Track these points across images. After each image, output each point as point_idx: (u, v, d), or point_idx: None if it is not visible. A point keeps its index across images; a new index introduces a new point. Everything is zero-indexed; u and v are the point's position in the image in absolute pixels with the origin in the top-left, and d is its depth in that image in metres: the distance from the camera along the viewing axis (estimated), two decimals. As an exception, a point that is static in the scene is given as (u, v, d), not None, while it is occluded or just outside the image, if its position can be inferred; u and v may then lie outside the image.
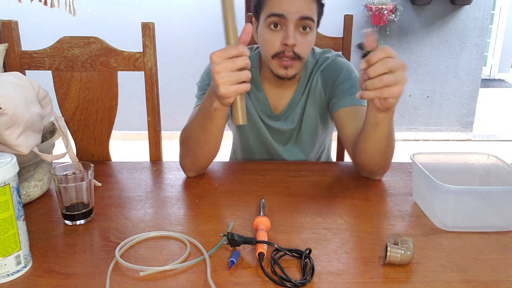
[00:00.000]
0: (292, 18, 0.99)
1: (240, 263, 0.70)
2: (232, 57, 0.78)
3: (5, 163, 0.63)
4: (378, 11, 3.36)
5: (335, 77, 1.12)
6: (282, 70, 1.05)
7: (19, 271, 0.67)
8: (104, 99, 1.20)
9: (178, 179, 1.03)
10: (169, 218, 0.85)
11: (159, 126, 1.23)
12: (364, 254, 0.72)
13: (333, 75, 1.12)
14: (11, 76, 0.86)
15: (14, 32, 1.17)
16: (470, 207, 0.80)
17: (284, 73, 1.05)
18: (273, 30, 1.02)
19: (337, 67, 1.13)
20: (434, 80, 3.76)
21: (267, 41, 1.03)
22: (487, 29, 3.67)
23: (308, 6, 1.00)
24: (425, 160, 0.92)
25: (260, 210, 0.84)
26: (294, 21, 0.99)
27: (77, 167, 0.86)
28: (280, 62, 1.04)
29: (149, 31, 1.16)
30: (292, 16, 0.99)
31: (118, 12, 3.53)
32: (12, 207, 0.64)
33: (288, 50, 1.01)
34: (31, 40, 3.43)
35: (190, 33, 3.62)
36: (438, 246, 0.75)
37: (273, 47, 1.02)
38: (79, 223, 0.82)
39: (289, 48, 1.01)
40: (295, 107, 1.16)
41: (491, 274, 0.67)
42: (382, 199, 0.93)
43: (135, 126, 3.79)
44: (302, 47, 1.02)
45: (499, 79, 5.99)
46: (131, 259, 0.71)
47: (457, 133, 3.92)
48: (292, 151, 1.21)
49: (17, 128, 0.80)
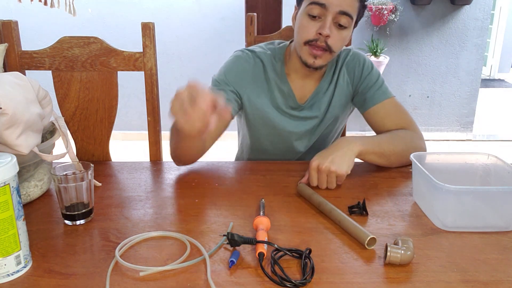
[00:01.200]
0: (332, 9, 1.01)
1: (240, 263, 0.70)
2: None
3: (5, 163, 0.63)
4: (378, 11, 3.36)
5: (361, 69, 1.17)
6: (311, 58, 1.07)
7: (19, 271, 0.67)
8: (104, 99, 1.20)
9: (178, 179, 1.03)
10: (169, 218, 0.85)
11: (159, 126, 1.23)
12: (364, 254, 0.72)
13: (358, 66, 1.17)
14: (11, 76, 0.86)
15: (14, 32, 1.17)
16: (470, 207, 0.80)
17: (312, 62, 1.07)
18: (312, 19, 1.04)
19: (359, 58, 1.18)
20: (434, 80, 3.75)
21: (303, 27, 1.05)
22: (487, 29, 3.66)
23: (351, 2, 1.02)
24: (425, 160, 0.92)
25: (260, 210, 0.84)
26: (333, 13, 1.01)
27: (77, 167, 0.86)
28: (310, 50, 1.05)
29: (149, 31, 1.16)
30: (333, 8, 1.00)
31: (118, 12, 3.53)
32: (12, 207, 0.64)
33: (321, 40, 1.03)
34: (31, 40, 3.43)
35: (190, 33, 3.61)
36: (438, 246, 0.75)
37: (307, 34, 1.04)
38: (79, 223, 0.82)
39: (322, 38, 1.03)
40: (321, 97, 1.18)
41: (491, 274, 0.67)
42: (382, 199, 0.93)
43: (135, 126, 3.79)
44: (336, 40, 1.04)
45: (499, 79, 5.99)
46: (131, 259, 0.71)
47: (457, 133, 3.92)
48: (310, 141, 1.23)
49: (17, 128, 0.80)
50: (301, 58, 1.08)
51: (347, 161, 0.96)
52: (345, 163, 0.95)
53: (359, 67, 1.17)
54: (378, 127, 1.15)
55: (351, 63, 1.17)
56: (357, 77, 1.17)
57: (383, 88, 1.14)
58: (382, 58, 3.50)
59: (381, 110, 1.13)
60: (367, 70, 1.16)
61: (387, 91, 1.15)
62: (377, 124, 1.15)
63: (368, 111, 1.15)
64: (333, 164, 0.94)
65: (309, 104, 1.18)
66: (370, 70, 1.16)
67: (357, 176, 1.04)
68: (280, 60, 1.16)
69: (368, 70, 1.16)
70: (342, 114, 1.22)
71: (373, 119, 1.15)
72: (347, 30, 1.05)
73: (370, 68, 1.16)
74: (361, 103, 1.17)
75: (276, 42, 1.22)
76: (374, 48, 3.45)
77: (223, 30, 3.57)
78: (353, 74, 1.17)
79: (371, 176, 1.05)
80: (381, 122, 1.14)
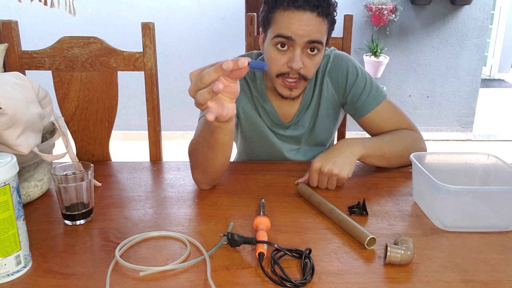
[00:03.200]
0: (300, 41, 0.95)
1: (240, 263, 0.70)
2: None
3: (5, 163, 0.63)
4: (378, 11, 3.36)
5: (345, 76, 1.11)
6: (286, 90, 1.03)
7: (19, 271, 0.67)
8: (104, 99, 1.20)
9: (178, 179, 1.03)
10: (169, 218, 0.85)
11: (159, 126, 1.23)
12: (364, 254, 0.72)
13: (341, 74, 1.11)
14: (11, 76, 0.86)
15: (14, 32, 1.17)
16: (470, 207, 0.80)
17: (288, 94, 1.04)
18: (280, 50, 0.98)
19: (341, 64, 1.11)
20: (434, 80, 3.75)
21: (272, 59, 1.00)
22: (487, 29, 3.66)
23: (318, 28, 0.96)
24: (425, 160, 0.92)
25: (260, 210, 0.84)
26: (302, 44, 0.96)
27: (77, 167, 0.86)
28: (284, 83, 1.02)
29: (149, 31, 1.16)
30: (300, 39, 0.95)
31: (118, 12, 3.53)
32: (12, 207, 0.64)
33: (293, 73, 0.99)
34: (31, 40, 3.43)
35: (190, 33, 3.61)
36: (438, 246, 0.75)
37: (278, 67, 1.00)
38: (79, 223, 0.82)
39: (294, 71, 0.99)
40: (304, 113, 1.15)
41: (491, 274, 0.67)
42: (382, 199, 0.93)
43: (135, 126, 3.79)
44: (309, 69, 1.00)
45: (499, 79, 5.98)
46: (131, 259, 0.71)
47: (457, 133, 3.92)
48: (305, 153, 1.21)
49: (17, 128, 0.80)
50: (277, 90, 1.05)
51: (349, 165, 0.95)
52: (347, 167, 0.95)
53: (343, 75, 1.11)
54: (375, 133, 1.12)
55: (333, 71, 1.11)
56: (342, 85, 1.11)
57: (373, 92, 1.09)
58: (382, 58, 3.50)
59: (375, 117, 1.10)
60: (352, 77, 1.10)
61: (378, 95, 1.09)
62: (374, 130, 1.12)
63: (362, 119, 1.11)
64: (336, 167, 0.93)
65: (295, 122, 1.16)
66: (356, 76, 1.10)
67: (357, 176, 1.04)
68: (260, 78, 1.12)
69: (353, 77, 1.10)
70: (332, 123, 1.19)
71: (369, 126, 1.12)
72: (319, 54, 1.00)
73: (355, 74, 1.10)
74: (353, 112, 1.13)
75: (254, 54, 1.17)
76: (374, 48, 3.45)
77: (223, 30, 3.57)
78: (338, 83, 1.12)
79: (371, 176, 1.05)
80: (377, 128, 1.11)
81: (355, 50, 3.59)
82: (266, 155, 1.21)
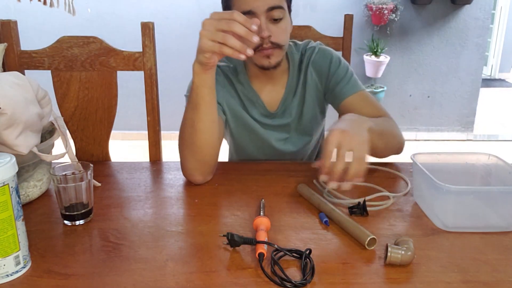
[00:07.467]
0: (260, 11, 0.99)
1: (240, 263, 0.70)
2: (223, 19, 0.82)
3: (4, 163, 0.63)
4: (379, 10, 3.36)
5: (327, 65, 1.15)
6: (265, 60, 1.06)
7: (18, 272, 0.67)
8: (104, 99, 1.20)
9: (178, 179, 1.03)
10: (169, 218, 0.85)
11: (159, 126, 1.23)
12: (364, 255, 0.72)
13: (324, 64, 1.16)
14: (10, 76, 0.86)
15: (14, 31, 1.17)
16: (471, 207, 0.80)
17: (267, 63, 1.07)
18: None
19: (325, 54, 1.16)
20: (435, 80, 3.75)
21: None
22: (488, 29, 3.66)
23: None
24: (426, 160, 0.91)
25: (260, 210, 0.84)
26: (263, 13, 1.00)
27: (76, 167, 0.86)
28: (261, 54, 1.05)
29: (149, 31, 1.16)
30: (260, 9, 0.99)
31: (118, 12, 3.52)
32: (11, 207, 0.64)
33: (265, 42, 1.03)
34: (30, 40, 3.43)
35: (190, 33, 3.60)
36: (439, 246, 0.75)
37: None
38: (79, 224, 0.82)
39: (266, 40, 1.02)
40: (291, 101, 1.17)
41: (491, 275, 0.67)
42: (382, 199, 0.93)
43: (135, 126, 3.79)
44: (278, 35, 1.03)
45: (500, 79, 5.98)
46: (131, 259, 0.71)
47: (457, 133, 3.91)
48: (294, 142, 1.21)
49: (16, 128, 0.80)
50: (257, 64, 1.09)
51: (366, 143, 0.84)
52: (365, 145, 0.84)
53: (326, 64, 1.15)
54: None
55: (318, 61, 1.16)
56: (324, 73, 1.16)
57: (353, 81, 1.13)
58: (383, 57, 3.50)
59: (353, 102, 1.11)
60: (335, 66, 1.14)
61: (357, 84, 1.13)
62: None
63: (342, 104, 1.13)
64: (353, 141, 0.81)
65: (281, 111, 1.17)
66: (338, 65, 1.15)
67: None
68: (242, 71, 1.16)
69: (336, 66, 1.15)
70: (319, 113, 1.21)
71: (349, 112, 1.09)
72: (284, 19, 1.04)
73: (338, 63, 1.15)
74: (333, 99, 1.16)
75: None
76: (374, 48, 3.45)
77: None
78: (321, 72, 1.16)
79: (371, 176, 1.05)
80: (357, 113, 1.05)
81: (356, 50, 3.58)
82: (255, 148, 1.21)
